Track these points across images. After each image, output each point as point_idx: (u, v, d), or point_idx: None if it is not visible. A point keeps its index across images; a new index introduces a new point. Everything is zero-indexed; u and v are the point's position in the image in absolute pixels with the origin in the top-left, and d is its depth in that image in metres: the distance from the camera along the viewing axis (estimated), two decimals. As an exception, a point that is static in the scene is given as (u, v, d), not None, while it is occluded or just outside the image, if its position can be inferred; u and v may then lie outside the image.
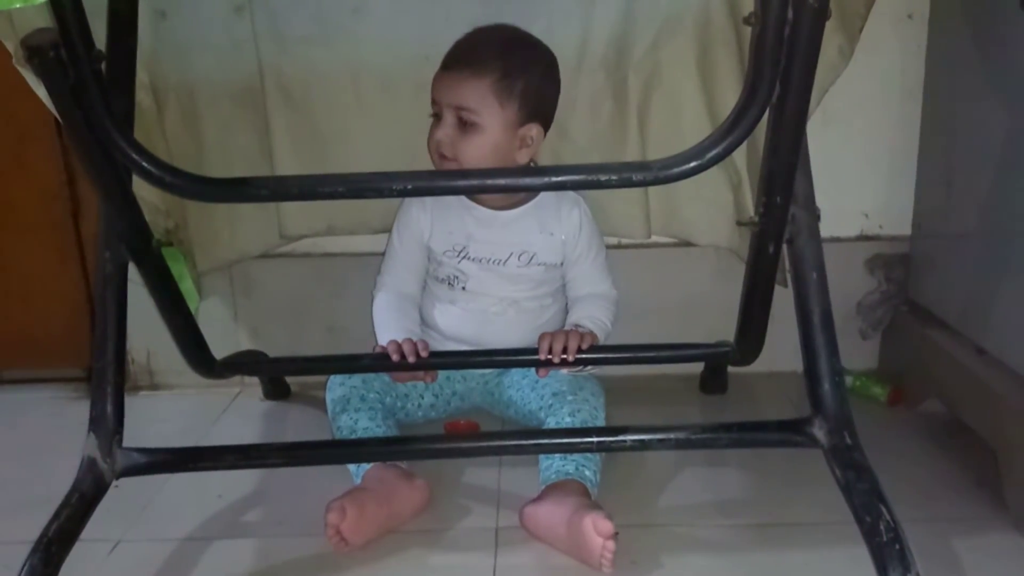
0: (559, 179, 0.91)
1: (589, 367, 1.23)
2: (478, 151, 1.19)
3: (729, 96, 1.35)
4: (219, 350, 1.32)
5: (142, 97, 1.30)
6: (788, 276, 1.05)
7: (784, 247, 1.00)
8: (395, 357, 1.18)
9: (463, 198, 1.28)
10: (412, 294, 1.33)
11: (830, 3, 0.84)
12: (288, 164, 1.38)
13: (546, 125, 1.25)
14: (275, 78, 1.35)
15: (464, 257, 1.28)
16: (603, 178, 0.90)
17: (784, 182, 0.95)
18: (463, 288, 1.30)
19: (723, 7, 1.32)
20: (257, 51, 1.34)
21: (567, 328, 1.25)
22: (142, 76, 1.30)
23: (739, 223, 0.98)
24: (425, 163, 1.33)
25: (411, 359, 1.17)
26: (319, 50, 1.35)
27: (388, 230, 1.42)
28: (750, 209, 1.37)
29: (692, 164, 0.89)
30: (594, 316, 1.27)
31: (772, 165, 0.93)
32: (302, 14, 1.34)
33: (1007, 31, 1.16)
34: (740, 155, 1.37)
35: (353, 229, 1.45)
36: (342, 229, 1.45)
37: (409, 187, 0.90)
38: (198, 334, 1.18)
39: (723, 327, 1.44)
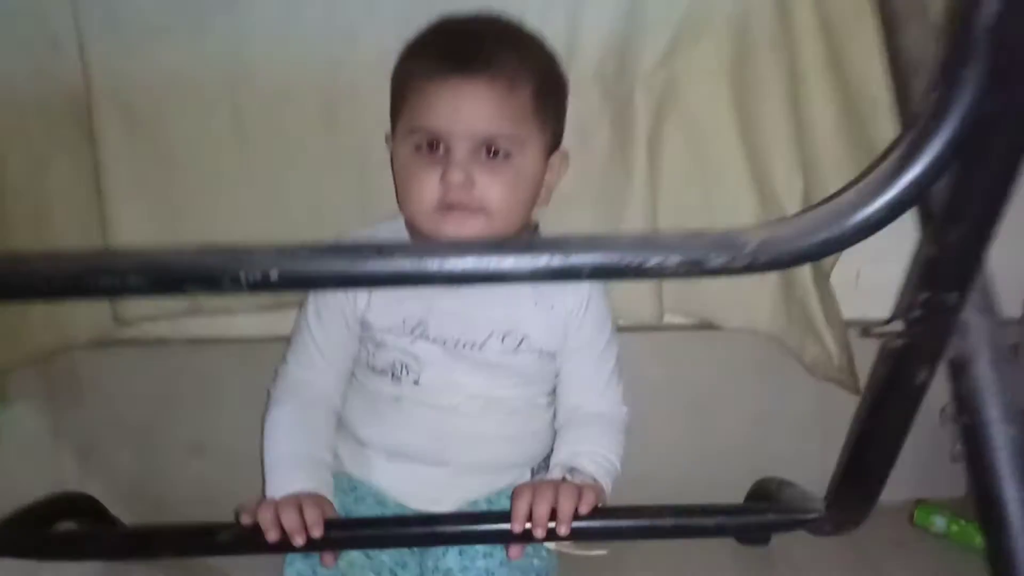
0: (563, 262, 0.48)
1: (595, 547, 0.78)
2: (515, 193, 0.81)
3: (776, 122, 0.94)
4: (29, 490, 0.90)
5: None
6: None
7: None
8: (272, 535, 0.73)
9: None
10: (329, 397, 0.89)
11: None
12: (127, 210, 0.93)
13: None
14: (108, 86, 0.90)
15: (420, 336, 0.85)
16: (650, 261, 0.47)
17: (966, 265, 0.53)
18: (415, 382, 0.86)
19: (769, -3, 0.92)
20: (82, 47, 0.89)
21: (554, 471, 0.82)
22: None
23: (871, 332, 0.57)
24: (346, 216, 0.94)
25: (299, 539, 0.72)
26: (177, 48, 0.90)
27: (284, 305, 0.98)
28: (806, 279, 0.96)
29: (824, 235, 0.47)
30: (597, 452, 0.84)
31: (951, 231, 0.52)
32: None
33: None
34: (789, 188, 0.96)
35: (229, 305, 0.99)
36: (212, 306, 0.99)
37: (328, 271, 0.47)
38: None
39: (761, 442, 1.05)
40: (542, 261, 0.47)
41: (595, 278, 0.49)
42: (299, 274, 0.46)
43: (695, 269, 0.47)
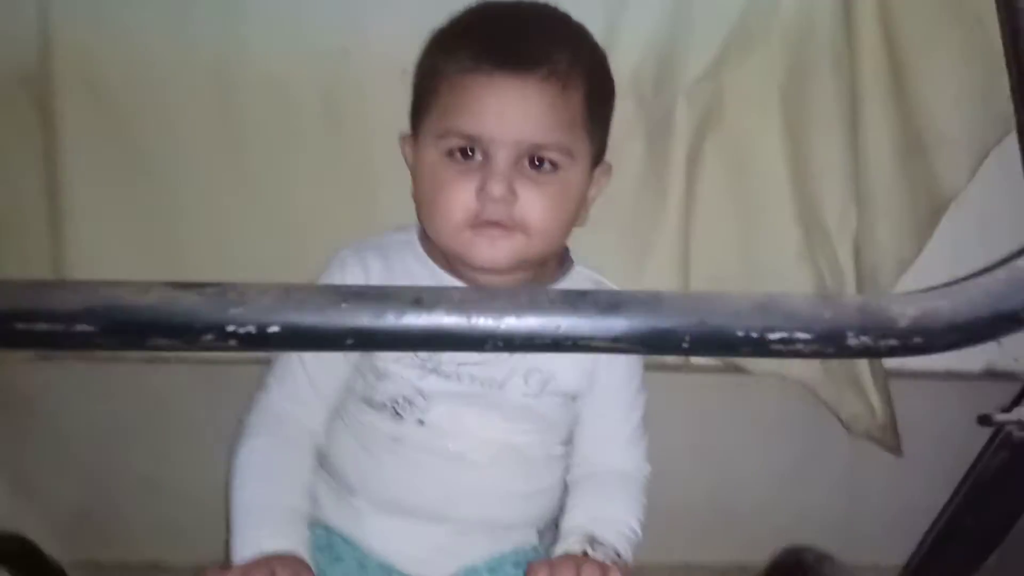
0: (657, 327, 0.36)
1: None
2: (559, 211, 0.70)
3: (830, 148, 0.85)
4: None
5: None
6: None
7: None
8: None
9: (434, 268, 0.75)
10: (314, 434, 0.76)
11: None
12: (88, 216, 0.81)
13: None
14: (72, 62, 0.78)
15: (432, 369, 0.73)
16: (771, 334, 0.36)
17: None
18: (419, 421, 0.74)
19: (834, 8, 0.82)
20: (42, 13, 0.76)
21: (571, 538, 0.70)
22: None
23: (992, 421, 0.45)
24: (349, 225, 0.83)
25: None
26: (157, 24, 0.78)
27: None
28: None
29: (1008, 309, 0.36)
30: (619, 520, 0.73)
31: None
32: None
33: None
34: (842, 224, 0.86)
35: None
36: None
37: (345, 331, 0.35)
38: None
39: (787, 499, 0.98)
40: (630, 325, 0.36)
41: (696, 352, 0.37)
42: (308, 329, 0.34)
43: (829, 350, 0.36)
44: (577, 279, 0.77)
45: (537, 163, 0.68)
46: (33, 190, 0.81)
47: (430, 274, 0.74)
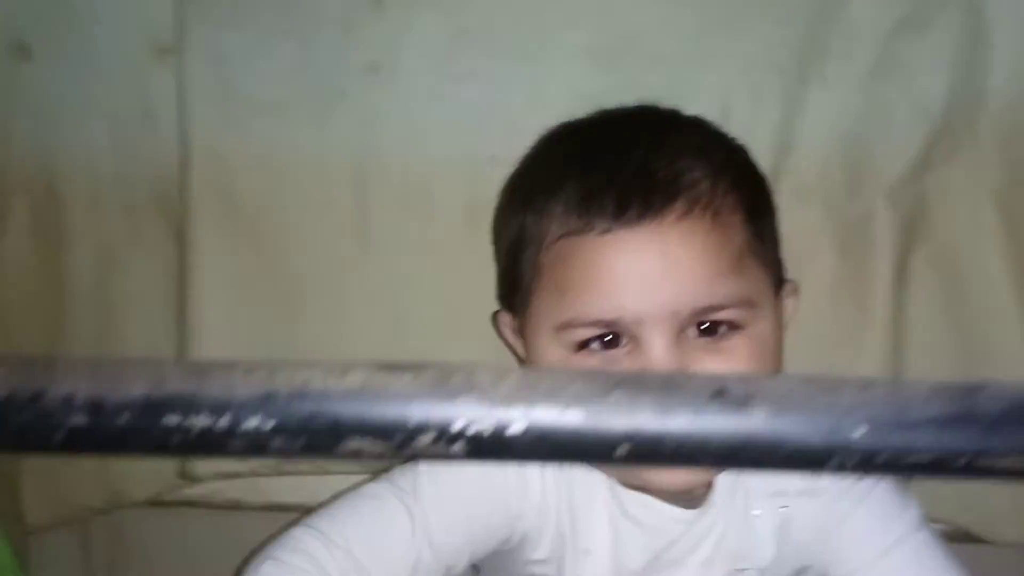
0: None
1: None
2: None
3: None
4: None
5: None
6: None
7: None
8: None
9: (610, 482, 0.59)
10: None
11: None
12: (215, 326, 0.73)
13: None
14: (210, 171, 0.72)
15: None
16: None
17: None
18: None
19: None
20: (182, 123, 0.72)
21: None
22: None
23: None
24: (487, 343, 0.70)
25: None
26: (299, 129, 0.72)
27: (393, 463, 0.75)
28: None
29: None
30: None
31: None
32: (273, 66, 0.72)
33: None
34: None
35: (326, 464, 0.75)
36: (305, 465, 0.75)
37: None
38: None
39: None
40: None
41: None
42: (567, 433, 0.23)
43: None
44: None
45: (710, 329, 0.51)
46: (162, 303, 0.75)
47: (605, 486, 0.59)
